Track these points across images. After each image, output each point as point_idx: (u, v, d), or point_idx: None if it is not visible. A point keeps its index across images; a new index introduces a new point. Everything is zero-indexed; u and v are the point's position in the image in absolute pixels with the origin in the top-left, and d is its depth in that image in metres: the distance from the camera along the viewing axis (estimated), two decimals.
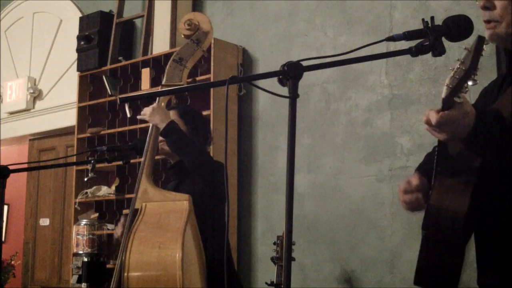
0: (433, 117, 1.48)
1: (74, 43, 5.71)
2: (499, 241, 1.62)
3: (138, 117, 2.99)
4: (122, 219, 3.11)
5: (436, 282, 1.60)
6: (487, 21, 1.73)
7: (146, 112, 2.89)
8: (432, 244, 1.60)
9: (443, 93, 1.48)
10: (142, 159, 2.83)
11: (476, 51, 1.47)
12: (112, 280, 2.72)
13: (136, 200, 2.74)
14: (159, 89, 4.92)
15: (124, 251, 2.57)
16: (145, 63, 5.14)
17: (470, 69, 1.46)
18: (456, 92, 1.46)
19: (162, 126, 2.86)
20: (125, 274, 2.52)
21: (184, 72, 2.88)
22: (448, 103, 1.48)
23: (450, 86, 1.47)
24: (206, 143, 3.19)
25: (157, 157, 3.15)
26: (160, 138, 2.94)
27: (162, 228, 2.61)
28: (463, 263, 1.59)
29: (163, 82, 2.88)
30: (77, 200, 5.37)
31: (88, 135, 5.44)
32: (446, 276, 1.59)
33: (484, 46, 1.49)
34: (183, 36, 2.96)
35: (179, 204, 2.66)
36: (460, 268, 1.58)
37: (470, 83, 1.47)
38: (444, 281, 1.59)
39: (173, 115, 3.10)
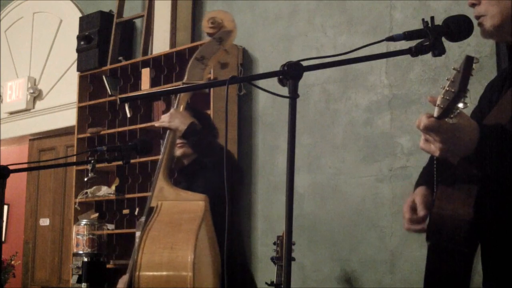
0: (423, 121, 1.45)
1: (74, 43, 5.71)
2: (503, 248, 1.61)
3: (156, 124, 2.96)
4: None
5: None
6: (476, 17, 1.73)
7: (165, 118, 2.87)
8: (438, 253, 1.58)
9: (435, 112, 1.43)
10: (160, 157, 2.81)
11: (465, 72, 1.40)
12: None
13: (152, 198, 2.72)
14: (159, 89, 4.94)
15: (136, 251, 2.56)
16: (145, 63, 5.14)
17: (459, 92, 1.38)
18: (447, 114, 1.41)
19: (182, 128, 2.84)
20: (136, 273, 2.51)
21: (205, 71, 2.84)
22: None
23: (442, 106, 1.41)
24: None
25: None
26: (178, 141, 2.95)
27: (175, 228, 2.57)
28: (472, 271, 1.58)
29: (184, 80, 2.84)
30: (77, 200, 5.36)
31: (88, 135, 5.44)
32: (455, 284, 1.57)
33: (474, 65, 1.42)
34: (206, 34, 2.93)
35: (194, 204, 2.63)
36: (469, 276, 1.56)
37: (460, 105, 1.39)
38: None
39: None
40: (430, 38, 1.56)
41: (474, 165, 1.52)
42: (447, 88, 1.41)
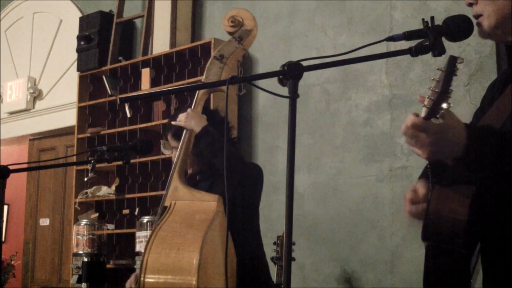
0: (411, 119, 1.44)
1: (74, 43, 5.71)
2: (503, 248, 1.61)
3: (173, 123, 2.94)
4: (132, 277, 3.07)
5: None
6: (475, 17, 1.73)
7: (181, 118, 2.86)
8: (436, 254, 1.58)
9: (422, 113, 1.42)
10: (175, 157, 2.80)
11: (448, 72, 1.40)
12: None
13: (166, 198, 2.71)
14: (159, 89, 4.94)
15: (144, 250, 2.55)
16: (145, 63, 5.14)
17: (442, 92, 1.38)
18: (433, 114, 1.40)
19: (197, 130, 2.83)
20: (142, 275, 2.49)
21: (224, 70, 2.81)
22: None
23: (428, 106, 1.41)
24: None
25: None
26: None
27: (186, 228, 2.56)
28: (471, 271, 1.57)
29: (203, 79, 2.83)
30: (77, 200, 5.37)
31: (88, 135, 5.44)
32: (454, 285, 1.57)
33: (458, 65, 1.41)
34: (226, 32, 2.90)
35: (206, 205, 2.61)
36: (468, 276, 1.56)
37: (444, 105, 1.38)
38: None
39: None
40: (430, 38, 1.56)
41: (470, 165, 1.51)
42: (432, 89, 1.41)
